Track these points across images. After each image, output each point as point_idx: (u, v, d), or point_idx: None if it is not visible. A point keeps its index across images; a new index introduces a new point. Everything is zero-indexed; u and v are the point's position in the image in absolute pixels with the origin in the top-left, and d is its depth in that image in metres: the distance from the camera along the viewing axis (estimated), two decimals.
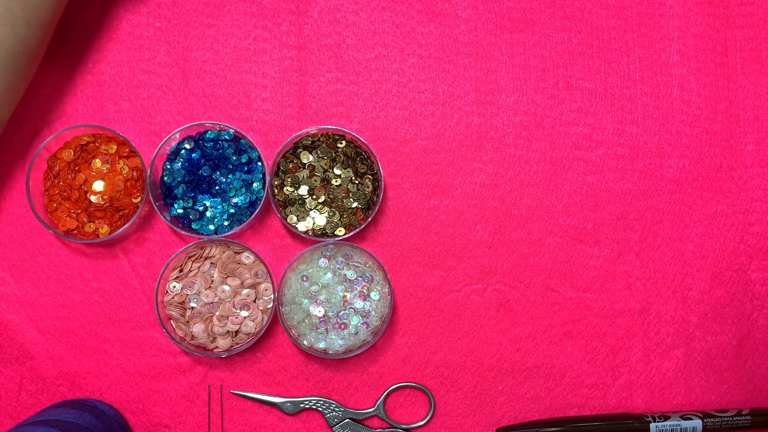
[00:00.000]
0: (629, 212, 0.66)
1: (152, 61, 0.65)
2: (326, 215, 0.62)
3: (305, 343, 0.62)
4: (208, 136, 0.63)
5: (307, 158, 0.63)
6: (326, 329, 0.62)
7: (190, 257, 0.62)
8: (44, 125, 0.64)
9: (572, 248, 0.65)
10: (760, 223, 0.66)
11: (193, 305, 0.62)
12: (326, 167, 0.63)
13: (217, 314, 0.62)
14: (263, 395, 0.64)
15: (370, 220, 0.62)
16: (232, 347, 0.62)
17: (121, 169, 0.62)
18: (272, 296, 0.62)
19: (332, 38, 0.65)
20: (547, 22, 0.66)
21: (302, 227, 0.62)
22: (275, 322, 0.64)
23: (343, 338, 0.62)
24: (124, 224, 0.61)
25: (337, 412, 0.64)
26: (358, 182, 0.63)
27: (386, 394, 0.64)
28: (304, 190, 0.63)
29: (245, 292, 0.62)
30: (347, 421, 0.64)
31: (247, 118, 0.65)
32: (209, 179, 0.63)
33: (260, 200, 0.62)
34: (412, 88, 0.66)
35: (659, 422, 0.62)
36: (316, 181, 0.63)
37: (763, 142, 0.66)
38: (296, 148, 0.63)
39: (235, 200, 0.63)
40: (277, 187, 0.63)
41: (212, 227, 0.62)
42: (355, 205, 0.63)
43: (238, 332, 0.62)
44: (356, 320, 0.62)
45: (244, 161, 0.63)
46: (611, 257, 0.66)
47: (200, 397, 0.64)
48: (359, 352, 0.62)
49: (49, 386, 0.64)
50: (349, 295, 0.62)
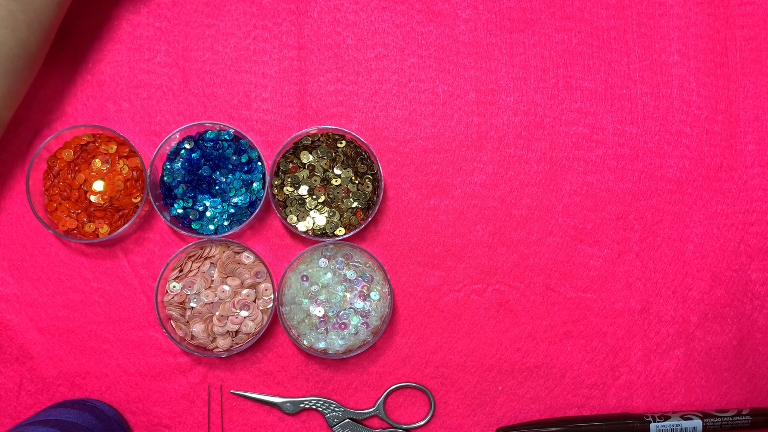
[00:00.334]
0: (629, 212, 0.66)
1: (152, 61, 0.65)
2: (326, 215, 0.62)
3: (305, 343, 0.62)
4: (208, 136, 0.63)
5: (307, 158, 0.63)
6: (326, 329, 0.62)
7: (190, 257, 0.62)
8: (44, 125, 0.64)
9: (572, 248, 0.65)
10: (760, 223, 0.66)
11: (193, 305, 0.62)
12: (326, 167, 0.63)
13: (217, 314, 0.62)
14: (263, 395, 0.64)
15: (370, 220, 0.62)
16: (232, 347, 0.62)
17: (121, 169, 0.62)
18: (272, 296, 0.62)
19: (332, 38, 0.65)
20: (547, 22, 0.66)
21: (302, 227, 0.62)
22: (275, 322, 0.64)
23: (343, 338, 0.62)
24: (124, 224, 0.61)
25: (337, 412, 0.64)
26: (358, 182, 0.63)
27: (386, 394, 0.64)
28: (304, 190, 0.63)
29: (245, 292, 0.62)
30: (347, 421, 0.64)
31: (247, 118, 0.65)
32: (209, 179, 0.63)
33: (260, 200, 0.62)
34: (412, 88, 0.66)
35: (659, 422, 0.62)
36: (316, 181, 0.63)
37: (763, 142, 0.66)
38: (296, 148, 0.63)
39: (235, 200, 0.63)
40: (277, 187, 0.63)
41: (212, 227, 0.62)
42: (355, 205, 0.63)
43: (238, 332, 0.62)
44: (356, 320, 0.62)
45: (244, 161, 0.63)
46: (611, 257, 0.65)
47: (200, 397, 0.64)
48: (359, 352, 0.62)
49: (49, 386, 0.64)
50: (349, 295, 0.62)
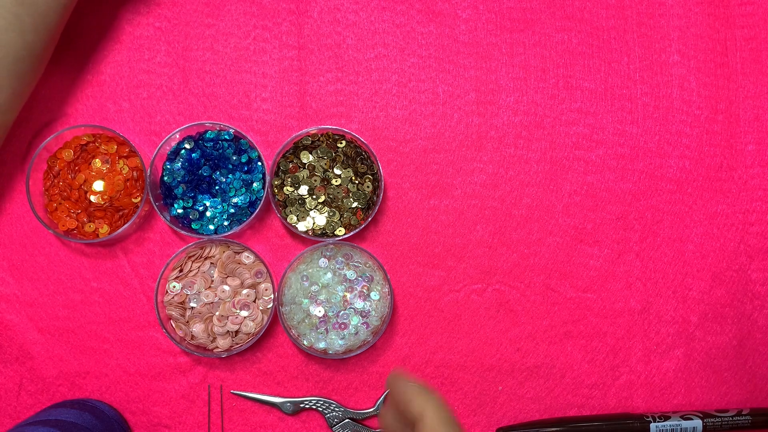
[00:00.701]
0: (629, 212, 0.66)
1: (152, 61, 0.65)
2: (326, 215, 0.62)
3: (305, 343, 0.62)
4: (208, 136, 0.63)
5: (307, 158, 0.63)
6: (326, 329, 0.62)
7: (190, 257, 0.62)
8: (44, 125, 0.64)
9: (572, 248, 0.65)
10: (760, 223, 0.66)
11: (193, 305, 0.62)
12: (326, 167, 0.63)
13: (217, 314, 0.62)
14: (263, 395, 0.64)
15: (370, 220, 0.62)
16: (232, 347, 0.62)
17: (121, 169, 0.62)
18: (272, 296, 0.62)
19: (332, 38, 0.65)
20: (547, 22, 0.66)
21: (302, 227, 0.62)
22: (275, 322, 0.64)
23: (343, 338, 0.62)
24: (124, 224, 0.61)
25: (337, 412, 0.64)
26: (358, 182, 0.63)
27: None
28: (304, 190, 0.63)
29: (245, 292, 0.62)
30: (347, 421, 0.64)
31: (247, 118, 0.65)
32: (209, 179, 0.63)
33: (260, 200, 0.62)
34: (412, 88, 0.66)
35: (659, 422, 0.62)
36: (316, 181, 0.63)
37: (763, 142, 0.66)
38: (296, 148, 0.63)
39: (235, 200, 0.63)
40: (277, 187, 0.63)
41: (212, 227, 0.62)
42: (355, 205, 0.63)
43: (238, 332, 0.62)
44: (356, 320, 0.62)
45: (244, 161, 0.63)
46: (611, 257, 0.65)
47: (200, 397, 0.64)
48: (359, 352, 0.62)
49: (49, 386, 0.64)
50: (349, 295, 0.62)
